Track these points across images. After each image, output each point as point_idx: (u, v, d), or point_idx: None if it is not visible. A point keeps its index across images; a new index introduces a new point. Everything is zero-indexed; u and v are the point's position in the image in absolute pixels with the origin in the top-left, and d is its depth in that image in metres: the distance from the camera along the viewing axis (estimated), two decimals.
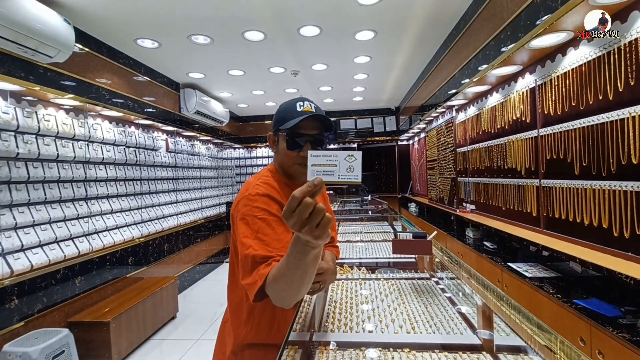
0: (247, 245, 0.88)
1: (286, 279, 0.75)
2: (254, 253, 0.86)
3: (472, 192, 3.51)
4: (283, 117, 1.03)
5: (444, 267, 1.59)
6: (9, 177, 2.33)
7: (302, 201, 0.59)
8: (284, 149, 1.03)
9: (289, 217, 0.60)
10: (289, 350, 0.91)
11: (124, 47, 3.38)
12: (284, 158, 1.05)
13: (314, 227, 0.60)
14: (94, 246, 2.99)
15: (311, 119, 1.01)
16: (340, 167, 0.65)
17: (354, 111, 7.02)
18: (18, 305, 2.29)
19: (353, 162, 0.65)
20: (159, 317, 3.38)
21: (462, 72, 3.07)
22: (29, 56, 2.26)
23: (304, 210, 0.59)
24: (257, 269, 0.84)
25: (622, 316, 1.45)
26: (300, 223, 0.60)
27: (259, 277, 0.82)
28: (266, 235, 0.89)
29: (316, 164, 0.65)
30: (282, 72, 4.34)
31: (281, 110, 1.06)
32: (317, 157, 0.66)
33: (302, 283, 0.75)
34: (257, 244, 0.87)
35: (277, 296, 0.80)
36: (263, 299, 0.84)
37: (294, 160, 1.03)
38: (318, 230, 0.61)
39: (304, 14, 2.83)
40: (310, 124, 1.02)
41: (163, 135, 4.48)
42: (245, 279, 0.87)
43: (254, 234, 0.89)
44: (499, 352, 0.89)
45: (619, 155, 1.64)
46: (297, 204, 0.59)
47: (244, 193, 0.98)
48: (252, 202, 0.94)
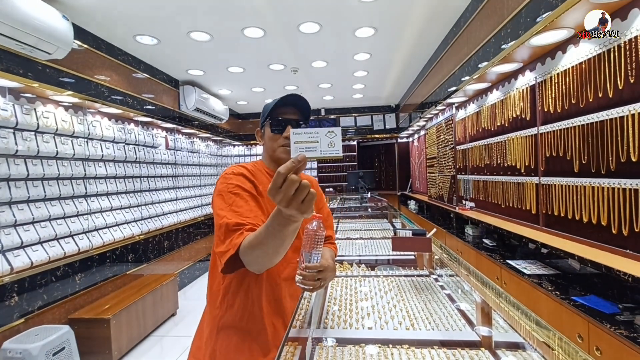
0: (222, 215, 0.93)
1: (263, 247, 0.78)
2: (227, 221, 0.90)
3: (472, 189, 3.51)
4: (267, 108, 1.13)
5: (443, 264, 1.60)
6: (8, 174, 2.32)
7: (287, 178, 0.61)
8: (269, 135, 1.12)
9: (275, 194, 0.62)
10: (288, 346, 0.91)
11: (123, 44, 3.37)
12: (270, 144, 1.12)
13: (299, 202, 0.63)
14: (93, 243, 2.99)
15: (291, 107, 1.11)
16: (321, 142, 0.68)
17: (353, 108, 7.01)
18: (18, 302, 2.30)
19: (333, 137, 0.68)
20: (159, 314, 3.39)
21: (462, 70, 3.06)
22: (27, 52, 2.25)
23: (289, 186, 0.61)
24: (231, 238, 0.87)
25: (620, 313, 1.46)
26: (287, 199, 0.62)
27: (232, 247, 0.85)
28: (240, 207, 0.95)
29: (299, 142, 0.68)
30: (282, 69, 4.33)
31: (266, 106, 1.15)
32: (299, 134, 0.68)
33: (277, 252, 0.79)
34: (231, 213, 0.92)
35: (251, 261, 0.83)
36: (233, 271, 0.88)
37: (278, 143, 1.10)
38: (304, 205, 0.63)
39: (304, 10, 2.81)
40: (290, 111, 1.11)
41: (162, 133, 4.47)
42: (218, 247, 0.90)
43: (228, 207, 0.95)
44: (497, 349, 0.90)
45: (618, 153, 1.64)
46: (283, 179, 0.61)
47: (222, 173, 1.09)
48: (227, 180, 1.03)
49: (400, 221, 2.94)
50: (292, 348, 0.91)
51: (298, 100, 1.12)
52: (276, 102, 1.10)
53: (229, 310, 1.05)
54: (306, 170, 7.30)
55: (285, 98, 1.09)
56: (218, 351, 1.04)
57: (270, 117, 1.11)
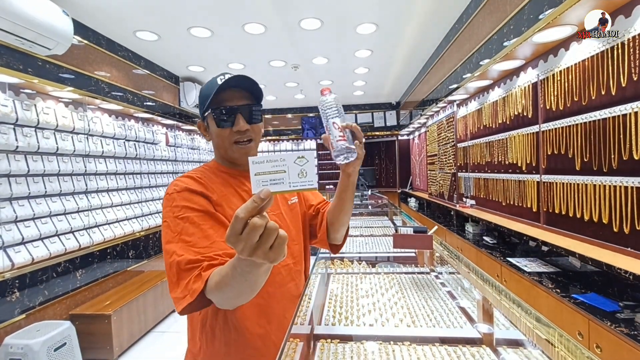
0: (170, 252, 0.76)
1: (233, 289, 0.64)
2: (178, 259, 0.73)
3: (473, 187, 3.51)
4: (206, 96, 0.89)
5: (443, 262, 1.60)
6: (9, 170, 2.32)
7: (249, 223, 0.48)
8: (216, 130, 0.90)
9: (235, 242, 0.49)
10: (290, 343, 0.92)
11: (123, 40, 3.35)
12: (219, 141, 0.92)
13: (267, 250, 0.50)
14: (94, 239, 3.00)
15: (236, 89, 0.89)
16: (290, 172, 0.53)
17: (354, 105, 6.99)
18: (19, 297, 2.30)
19: (305, 164, 0.54)
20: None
21: (464, 67, 3.05)
22: (27, 48, 2.24)
23: (252, 234, 0.48)
24: (186, 281, 0.71)
25: (620, 311, 1.47)
26: (250, 248, 0.50)
27: (189, 292, 0.70)
28: (191, 235, 0.77)
29: (260, 173, 0.53)
30: (283, 66, 4.31)
31: (202, 90, 0.92)
32: (259, 164, 0.53)
33: (251, 291, 0.66)
34: (181, 247, 0.75)
35: (223, 303, 0.71)
36: (194, 311, 0.73)
37: (229, 139, 0.90)
38: (272, 252, 0.51)
39: (305, 6, 2.80)
40: (236, 94, 0.89)
41: (163, 129, 4.47)
42: (173, 291, 0.73)
43: (176, 237, 0.77)
44: (498, 346, 0.90)
45: (620, 151, 1.64)
46: (243, 225, 0.48)
47: (165, 193, 0.86)
48: (170, 202, 0.83)
49: (400, 218, 2.94)
50: (293, 344, 0.92)
51: (242, 80, 0.89)
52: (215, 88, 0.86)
53: (209, 347, 0.88)
54: None
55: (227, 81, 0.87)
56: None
57: (211, 107, 0.89)
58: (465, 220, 3.41)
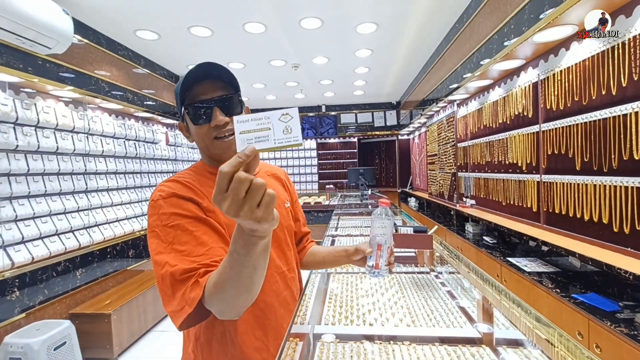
0: (162, 263, 0.70)
1: (233, 284, 0.60)
2: (171, 270, 0.67)
3: (473, 187, 3.51)
4: (177, 93, 0.84)
5: (443, 261, 1.60)
6: (9, 169, 2.32)
7: (234, 177, 0.46)
8: (194, 129, 0.84)
9: (220, 200, 0.47)
10: (290, 342, 0.92)
11: (123, 39, 3.35)
12: (198, 139, 0.86)
13: (254, 207, 0.48)
14: (94, 239, 3.00)
15: (207, 81, 0.83)
16: (275, 129, 0.53)
17: (354, 105, 6.99)
18: (19, 297, 2.30)
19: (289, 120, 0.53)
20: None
21: (464, 66, 3.04)
22: (27, 47, 2.24)
23: (238, 188, 0.46)
24: (182, 291, 0.66)
25: (620, 311, 1.47)
26: (236, 205, 0.47)
27: (187, 303, 0.65)
28: (184, 244, 0.71)
29: (245, 131, 0.53)
30: (283, 65, 4.31)
31: (177, 88, 0.85)
32: (244, 122, 0.53)
33: (252, 283, 0.61)
34: (174, 257, 0.70)
35: (223, 308, 0.65)
36: (192, 325, 0.69)
37: (208, 135, 0.83)
38: (260, 210, 0.48)
39: (305, 6, 2.79)
40: (209, 86, 0.83)
41: (163, 128, 4.47)
42: (168, 305, 0.69)
43: (168, 247, 0.71)
44: (498, 345, 0.90)
45: (620, 151, 1.64)
46: (228, 180, 0.47)
47: (149, 200, 0.80)
48: (157, 210, 0.76)
49: (400, 218, 2.94)
50: (293, 344, 0.92)
51: (211, 69, 0.82)
52: (183, 82, 0.81)
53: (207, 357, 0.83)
54: (306, 167, 7.28)
55: (194, 72, 0.81)
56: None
57: (184, 104, 0.83)
58: (465, 220, 3.41)
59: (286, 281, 0.93)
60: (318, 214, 5.47)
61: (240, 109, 0.87)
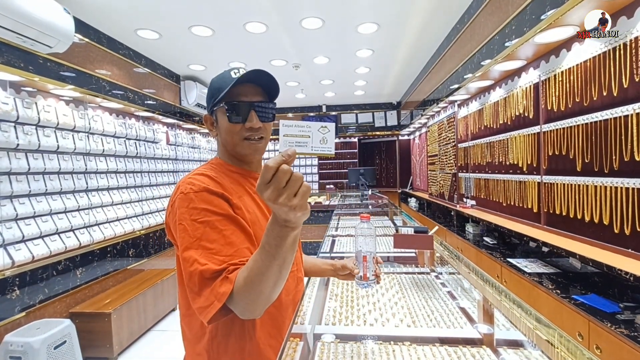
0: (191, 260, 0.70)
1: (262, 277, 0.63)
2: (201, 269, 0.68)
3: (473, 187, 3.51)
4: (218, 89, 0.86)
5: (443, 262, 1.60)
6: (9, 168, 2.32)
7: (279, 168, 0.54)
8: (226, 125, 0.86)
9: (263, 189, 0.55)
10: (290, 342, 0.92)
11: (124, 38, 3.35)
12: (228, 136, 0.87)
13: (292, 195, 0.55)
14: (94, 238, 3.00)
15: (251, 85, 0.86)
16: (313, 138, 0.63)
17: (355, 105, 6.99)
18: (19, 295, 2.31)
19: (326, 133, 0.63)
20: (160, 309, 3.41)
21: (465, 67, 3.04)
22: (28, 46, 2.24)
23: (281, 177, 0.54)
24: (211, 288, 0.68)
25: (620, 312, 1.47)
26: (277, 192, 0.54)
27: (216, 298, 0.66)
28: (212, 242, 0.72)
29: (288, 134, 0.62)
30: (284, 65, 4.31)
31: (214, 82, 0.89)
32: (289, 127, 0.62)
33: (279, 277, 0.64)
34: (203, 255, 0.70)
35: (248, 305, 0.66)
36: (221, 318, 0.69)
37: (240, 134, 0.86)
38: (296, 199, 0.55)
39: (307, 5, 2.79)
40: (251, 90, 0.86)
41: (163, 128, 4.47)
42: (196, 301, 0.69)
43: (196, 243, 0.72)
44: (498, 346, 0.90)
45: (621, 152, 1.64)
46: (273, 173, 0.54)
47: (177, 193, 0.79)
48: (187, 203, 0.75)
49: (401, 218, 2.94)
50: (293, 344, 0.92)
51: (259, 76, 0.85)
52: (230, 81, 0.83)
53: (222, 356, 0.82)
54: (307, 167, 7.27)
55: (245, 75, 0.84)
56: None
57: (224, 100, 0.84)
58: (466, 220, 3.41)
59: (296, 280, 0.95)
60: (318, 214, 5.47)
61: (273, 117, 0.91)
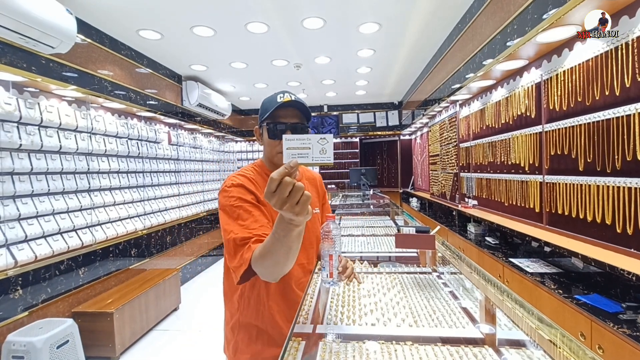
0: (229, 230, 0.97)
1: (272, 256, 0.81)
2: (234, 236, 0.94)
3: (475, 187, 3.50)
4: (265, 109, 1.11)
5: (445, 262, 1.60)
6: (12, 168, 2.33)
7: (282, 181, 0.64)
8: (267, 140, 1.12)
9: (270, 197, 0.66)
10: (292, 341, 0.92)
11: (126, 38, 3.36)
12: (268, 148, 1.14)
13: (294, 204, 0.66)
14: (97, 238, 3.01)
15: (290, 108, 1.09)
16: (313, 149, 0.70)
17: (356, 105, 6.98)
18: (22, 295, 2.32)
19: (325, 144, 0.70)
20: (162, 309, 3.42)
21: (467, 67, 3.04)
22: (30, 46, 2.25)
23: (283, 188, 0.64)
24: (241, 252, 0.91)
25: (623, 312, 1.46)
26: (281, 201, 0.65)
27: (243, 262, 0.90)
28: (245, 220, 0.98)
29: (291, 147, 0.69)
30: (285, 65, 4.31)
31: (264, 103, 1.14)
32: (291, 140, 0.69)
33: (287, 258, 0.82)
34: (237, 227, 0.96)
35: (264, 271, 0.87)
36: (247, 280, 0.94)
37: (277, 149, 1.10)
38: (298, 207, 0.66)
39: (308, 5, 2.80)
40: (289, 112, 1.09)
41: (165, 128, 4.48)
42: (231, 262, 0.95)
43: (233, 221, 0.99)
44: (500, 346, 0.90)
45: (624, 152, 1.63)
46: (277, 184, 0.65)
47: (223, 186, 1.09)
48: (227, 194, 1.04)
49: (402, 218, 2.94)
50: (295, 343, 0.92)
51: (297, 102, 1.09)
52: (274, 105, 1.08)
53: (245, 311, 1.15)
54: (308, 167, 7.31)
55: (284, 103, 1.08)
56: (240, 342, 1.17)
57: (268, 121, 1.10)
58: (468, 220, 3.40)
59: (304, 271, 1.23)
60: None
61: None
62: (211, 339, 3.10)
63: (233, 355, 1.19)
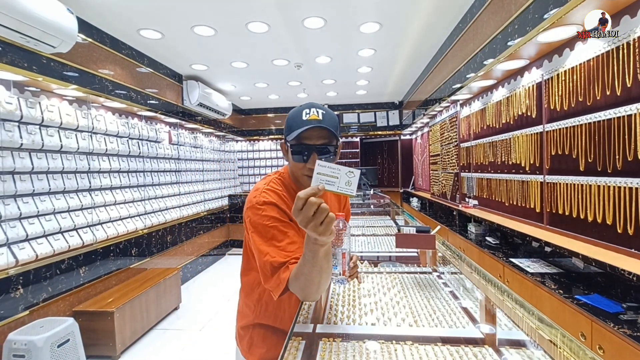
0: (264, 252, 0.96)
1: (305, 277, 0.84)
2: (272, 260, 0.94)
3: (475, 187, 3.50)
4: (290, 126, 1.05)
5: (445, 262, 1.60)
6: (13, 167, 2.34)
7: (307, 200, 0.68)
8: (292, 160, 1.06)
9: (297, 215, 0.70)
10: (293, 341, 0.92)
11: (127, 38, 3.36)
12: (293, 168, 1.09)
13: (318, 224, 0.69)
14: (97, 237, 3.01)
15: (317, 128, 1.00)
16: (340, 180, 0.75)
17: (357, 105, 6.98)
18: (23, 294, 2.32)
19: (352, 177, 0.75)
20: (162, 308, 3.42)
21: (468, 66, 3.03)
22: (31, 46, 2.25)
23: (309, 208, 0.68)
24: (277, 274, 0.93)
25: (623, 312, 1.46)
26: (306, 220, 0.69)
27: (280, 282, 0.92)
28: (280, 242, 0.97)
29: (321, 173, 0.74)
30: (286, 65, 4.31)
31: (289, 119, 1.07)
32: (323, 167, 0.75)
33: (320, 278, 0.84)
34: (273, 250, 0.95)
35: (301, 292, 0.89)
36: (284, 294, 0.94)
37: (302, 171, 1.05)
38: (322, 227, 0.70)
39: (309, 5, 2.79)
40: (316, 133, 1.01)
41: (166, 127, 4.48)
42: (267, 282, 0.96)
43: (268, 242, 0.97)
44: (500, 346, 0.90)
45: (625, 152, 1.63)
46: (303, 203, 0.69)
47: (252, 200, 1.03)
48: (260, 211, 1.00)
49: (403, 218, 2.94)
50: (296, 343, 0.92)
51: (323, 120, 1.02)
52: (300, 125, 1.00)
53: (264, 312, 1.18)
54: None
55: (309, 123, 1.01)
56: (255, 337, 1.20)
57: (293, 142, 1.02)
58: (468, 220, 3.40)
59: None
60: None
61: (334, 155, 1.06)
62: (211, 338, 3.11)
63: (248, 349, 1.21)
